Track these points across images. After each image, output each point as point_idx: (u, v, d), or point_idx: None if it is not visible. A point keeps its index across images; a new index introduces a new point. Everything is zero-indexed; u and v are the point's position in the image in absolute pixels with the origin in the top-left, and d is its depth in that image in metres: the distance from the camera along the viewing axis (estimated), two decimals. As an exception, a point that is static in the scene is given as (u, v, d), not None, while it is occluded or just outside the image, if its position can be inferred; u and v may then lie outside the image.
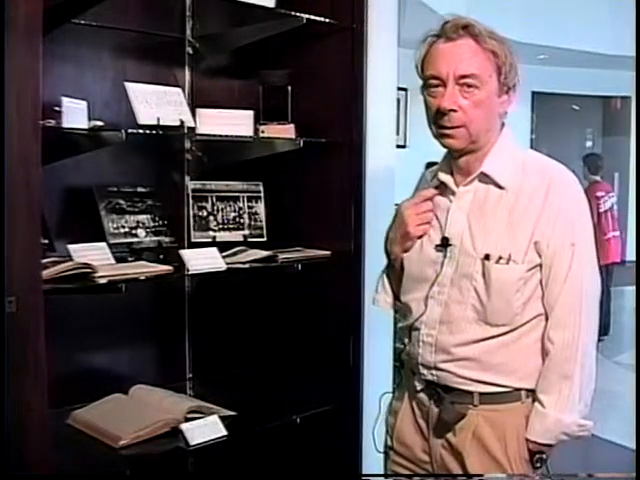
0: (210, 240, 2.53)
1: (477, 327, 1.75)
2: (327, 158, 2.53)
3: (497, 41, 1.71)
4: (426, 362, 1.81)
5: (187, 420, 2.16)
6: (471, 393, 1.78)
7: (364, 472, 2.60)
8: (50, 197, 2.21)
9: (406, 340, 1.88)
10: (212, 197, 2.60)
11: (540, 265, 1.73)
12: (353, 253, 2.51)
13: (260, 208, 2.67)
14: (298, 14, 2.38)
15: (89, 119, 2.08)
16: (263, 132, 2.44)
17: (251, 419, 2.30)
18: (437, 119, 1.73)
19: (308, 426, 2.38)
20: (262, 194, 2.68)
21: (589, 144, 11.64)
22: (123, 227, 2.40)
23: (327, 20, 2.44)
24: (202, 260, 2.22)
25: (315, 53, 2.56)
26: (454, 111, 1.69)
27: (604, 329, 6.80)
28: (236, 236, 2.60)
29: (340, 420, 2.50)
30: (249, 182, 2.67)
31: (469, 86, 1.69)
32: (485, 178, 1.77)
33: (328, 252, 2.52)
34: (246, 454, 2.45)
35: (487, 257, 1.72)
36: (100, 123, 2.12)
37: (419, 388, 1.87)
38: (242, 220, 2.64)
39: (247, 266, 2.35)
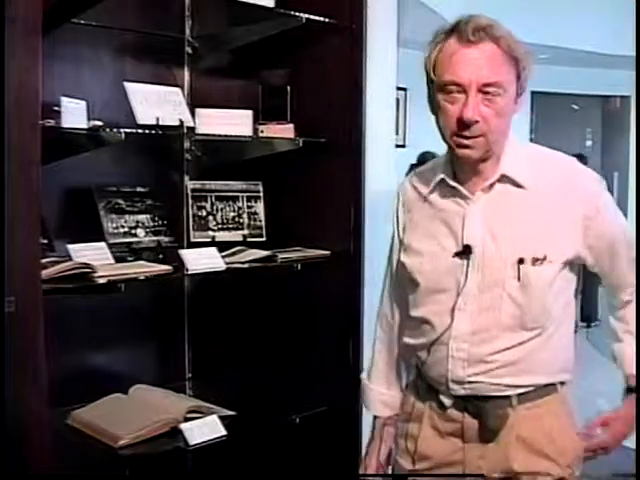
0: (209, 240, 2.53)
1: (512, 334, 1.67)
2: (326, 158, 2.53)
3: (518, 44, 1.61)
4: (457, 377, 1.70)
5: (187, 420, 2.16)
6: (509, 397, 1.71)
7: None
8: (49, 197, 2.21)
9: (424, 357, 1.77)
10: (211, 197, 2.60)
11: (571, 260, 1.69)
12: (352, 253, 2.51)
13: (259, 208, 2.67)
14: (297, 14, 2.38)
15: (88, 119, 2.08)
16: (262, 132, 2.44)
17: (250, 419, 2.30)
18: (455, 128, 1.62)
19: (307, 426, 2.38)
20: (261, 194, 2.68)
21: (589, 143, 11.64)
22: (122, 227, 2.40)
23: (326, 20, 2.44)
24: (201, 260, 2.22)
25: (314, 53, 2.56)
26: (476, 122, 1.58)
27: (593, 317, 7.08)
28: (235, 236, 2.60)
29: (339, 420, 2.50)
30: (248, 182, 2.67)
31: (492, 94, 1.58)
32: (504, 180, 1.69)
33: (327, 252, 2.52)
34: (245, 454, 2.45)
35: (521, 261, 1.64)
36: (99, 123, 2.12)
37: (448, 404, 1.75)
38: (241, 220, 2.64)
39: (246, 266, 2.35)
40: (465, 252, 1.67)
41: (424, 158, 7.46)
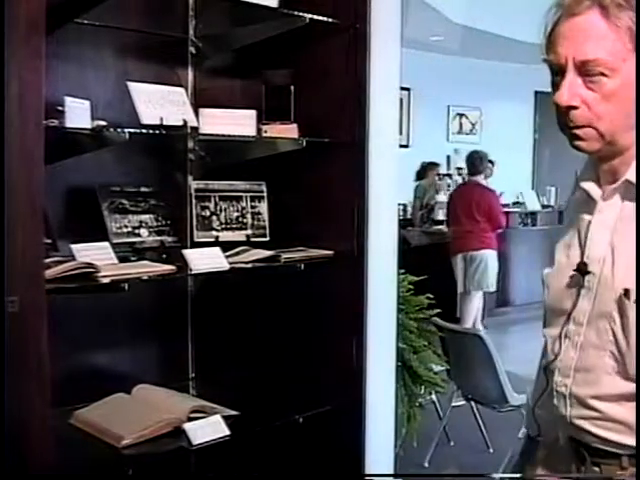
0: (213, 240, 2.53)
1: (619, 380, 1.39)
2: (330, 158, 2.53)
3: (634, 10, 1.32)
4: (561, 415, 1.48)
5: (190, 420, 2.16)
6: (619, 455, 1.43)
7: (366, 472, 2.60)
8: (53, 197, 2.21)
9: (545, 384, 1.54)
10: (215, 197, 2.60)
11: None
12: (356, 253, 2.51)
13: (263, 208, 2.67)
14: (301, 14, 2.38)
15: (92, 119, 2.08)
16: (266, 132, 2.44)
17: (254, 419, 2.30)
18: (560, 116, 1.39)
19: (311, 426, 2.38)
20: (265, 194, 2.68)
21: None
22: (126, 227, 2.40)
23: (330, 20, 2.44)
24: (205, 260, 2.22)
25: (318, 53, 2.56)
26: (575, 107, 1.35)
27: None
28: (239, 236, 2.60)
29: (343, 420, 2.50)
30: (252, 182, 2.67)
31: (595, 74, 1.32)
32: (632, 188, 1.40)
33: (331, 252, 2.52)
34: (249, 454, 2.45)
35: (626, 293, 1.35)
36: (103, 123, 2.12)
37: (561, 443, 1.53)
38: (245, 220, 2.63)
39: (250, 266, 2.35)
40: (580, 270, 1.44)
41: (471, 158, 7.48)
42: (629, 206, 1.40)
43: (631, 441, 1.40)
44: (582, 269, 1.43)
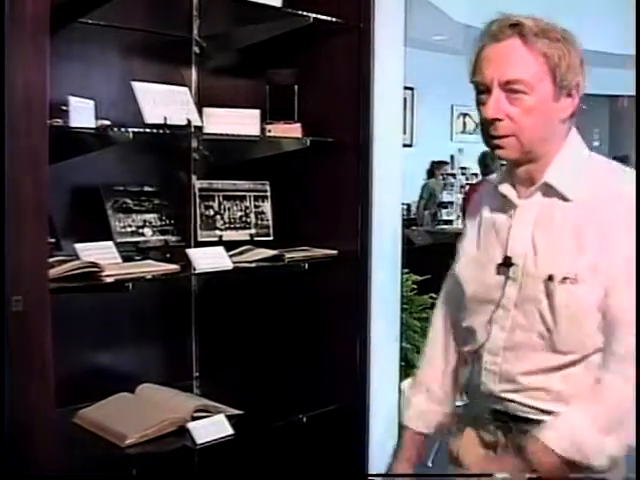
0: (217, 239, 2.53)
1: (545, 355, 1.57)
2: (334, 157, 2.53)
3: (551, 40, 1.54)
4: (489, 391, 1.65)
5: (194, 419, 2.16)
6: (541, 422, 1.57)
7: (370, 472, 2.60)
8: (57, 196, 2.21)
9: (469, 366, 1.73)
10: (219, 196, 2.60)
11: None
12: (360, 252, 2.51)
13: (267, 207, 2.67)
14: (305, 13, 2.38)
15: (96, 118, 2.08)
16: (270, 131, 2.44)
17: (257, 418, 2.31)
18: (486, 128, 1.57)
19: (314, 425, 2.38)
20: (269, 193, 2.68)
21: (596, 144, 11.63)
22: (130, 226, 2.40)
23: (334, 19, 2.44)
24: (209, 259, 2.22)
25: (322, 52, 2.56)
26: (500, 120, 1.53)
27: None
28: (243, 235, 2.60)
29: (346, 419, 2.50)
30: (256, 181, 2.67)
31: (517, 92, 1.52)
32: (549, 190, 1.60)
33: (334, 251, 2.52)
34: (252, 453, 2.45)
35: (550, 278, 1.54)
36: (107, 122, 2.12)
37: (485, 417, 1.69)
38: (249, 219, 2.63)
39: (253, 265, 2.35)
40: (505, 263, 1.62)
41: (483, 158, 7.46)
42: (547, 202, 1.60)
43: (553, 407, 1.55)
44: (507, 262, 1.62)
